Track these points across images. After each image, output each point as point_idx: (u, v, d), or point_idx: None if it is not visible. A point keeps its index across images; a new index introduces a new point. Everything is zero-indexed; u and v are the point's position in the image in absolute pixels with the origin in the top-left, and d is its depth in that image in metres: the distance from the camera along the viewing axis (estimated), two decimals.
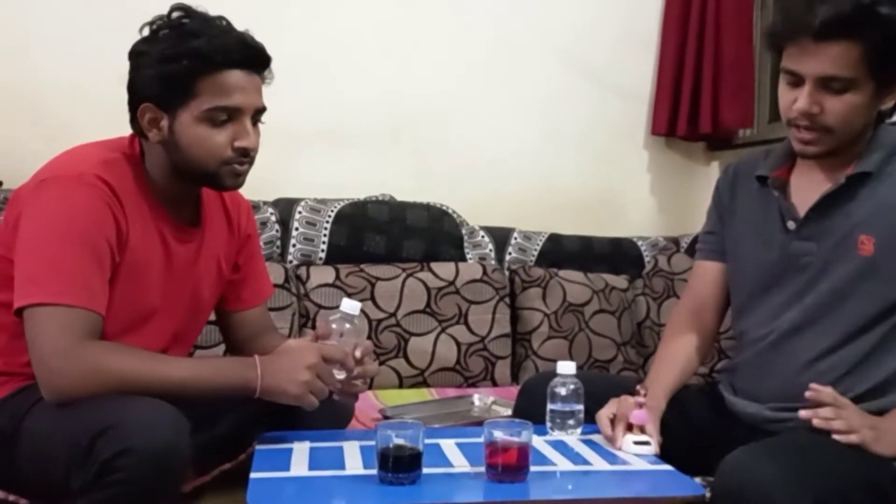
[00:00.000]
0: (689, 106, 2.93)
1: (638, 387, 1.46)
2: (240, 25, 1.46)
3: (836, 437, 1.34)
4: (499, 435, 1.25)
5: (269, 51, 1.46)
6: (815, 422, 1.36)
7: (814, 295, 1.50)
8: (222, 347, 1.80)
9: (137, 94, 1.43)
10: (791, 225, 1.53)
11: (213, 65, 1.38)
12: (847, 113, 1.42)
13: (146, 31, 1.42)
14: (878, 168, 1.48)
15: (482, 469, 1.27)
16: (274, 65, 1.48)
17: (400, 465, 1.23)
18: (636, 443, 1.41)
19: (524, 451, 1.25)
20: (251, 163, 1.47)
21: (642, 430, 1.43)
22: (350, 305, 1.47)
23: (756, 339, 1.57)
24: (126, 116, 1.45)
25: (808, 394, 1.39)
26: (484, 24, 2.87)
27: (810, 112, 1.43)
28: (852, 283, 1.46)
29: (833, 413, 1.36)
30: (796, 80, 1.44)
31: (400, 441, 1.24)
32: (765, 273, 1.57)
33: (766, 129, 3.00)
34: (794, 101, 1.44)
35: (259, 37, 1.47)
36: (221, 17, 1.44)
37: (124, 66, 1.44)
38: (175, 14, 1.41)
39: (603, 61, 3.01)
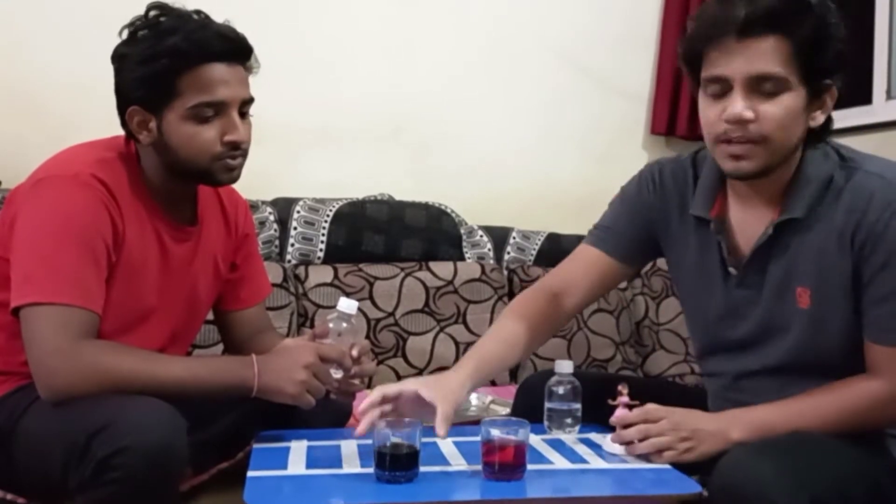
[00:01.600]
0: (690, 106, 2.93)
1: (619, 387, 1.43)
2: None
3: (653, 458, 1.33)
4: (496, 433, 1.25)
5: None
6: (618, 448, 1.36)
7: (763, 344, 1.43)
8: (221, 347, 1.80)
9: (124, 98, 1.42)
10: (733, 271, 1.44)
11: (192, 61, 1.36)
12: (783, 118, 1.28)
13: (125, 34, 1.40)
14: (806, 212, 1.35)
15: (479, 467, 1.27)
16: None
17: (397, 463, 1.23)
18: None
19: (521, 450, 1.25)
20: (244, 155, 1.46)
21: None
22: (347, 304, 1.47)
23: (719, 377, 1.52)
24: None
25: (612, 420, 1.38)
26: (483, 23, 2.87)
27: (744, 118, 1.27)
28: (796, 336, 1.39)
29: (638, 433, 1.34)
30: (722, 89, 1.29)
31: (397, 439, 1.23)
32: (714, 317, 1.48)
33: None
34: (721, 112, 1.29)
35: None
36: (198, 11, 1.42)
37: None
38: (151, 13, 1.40)
39: (602, 61, 3.01)
